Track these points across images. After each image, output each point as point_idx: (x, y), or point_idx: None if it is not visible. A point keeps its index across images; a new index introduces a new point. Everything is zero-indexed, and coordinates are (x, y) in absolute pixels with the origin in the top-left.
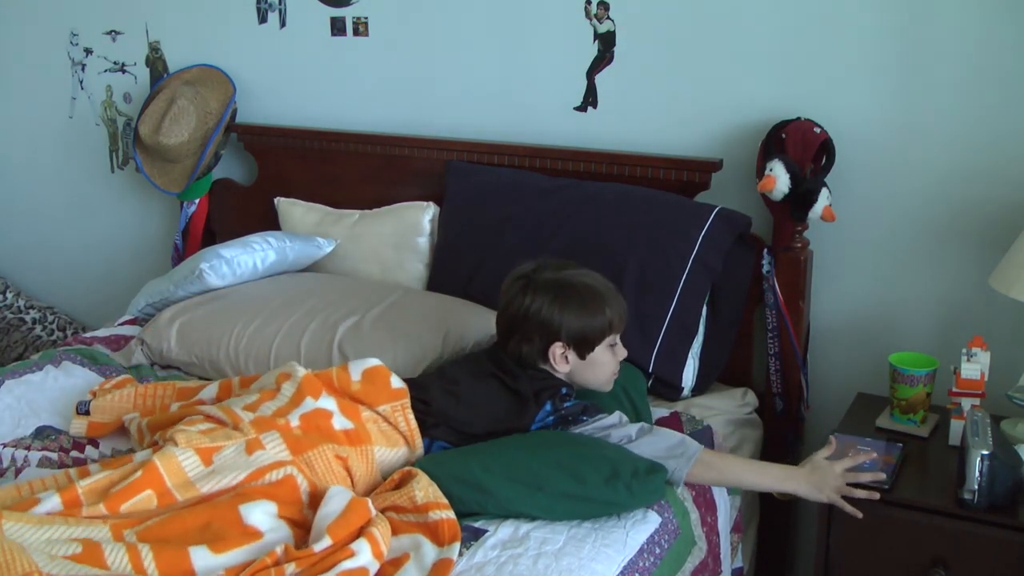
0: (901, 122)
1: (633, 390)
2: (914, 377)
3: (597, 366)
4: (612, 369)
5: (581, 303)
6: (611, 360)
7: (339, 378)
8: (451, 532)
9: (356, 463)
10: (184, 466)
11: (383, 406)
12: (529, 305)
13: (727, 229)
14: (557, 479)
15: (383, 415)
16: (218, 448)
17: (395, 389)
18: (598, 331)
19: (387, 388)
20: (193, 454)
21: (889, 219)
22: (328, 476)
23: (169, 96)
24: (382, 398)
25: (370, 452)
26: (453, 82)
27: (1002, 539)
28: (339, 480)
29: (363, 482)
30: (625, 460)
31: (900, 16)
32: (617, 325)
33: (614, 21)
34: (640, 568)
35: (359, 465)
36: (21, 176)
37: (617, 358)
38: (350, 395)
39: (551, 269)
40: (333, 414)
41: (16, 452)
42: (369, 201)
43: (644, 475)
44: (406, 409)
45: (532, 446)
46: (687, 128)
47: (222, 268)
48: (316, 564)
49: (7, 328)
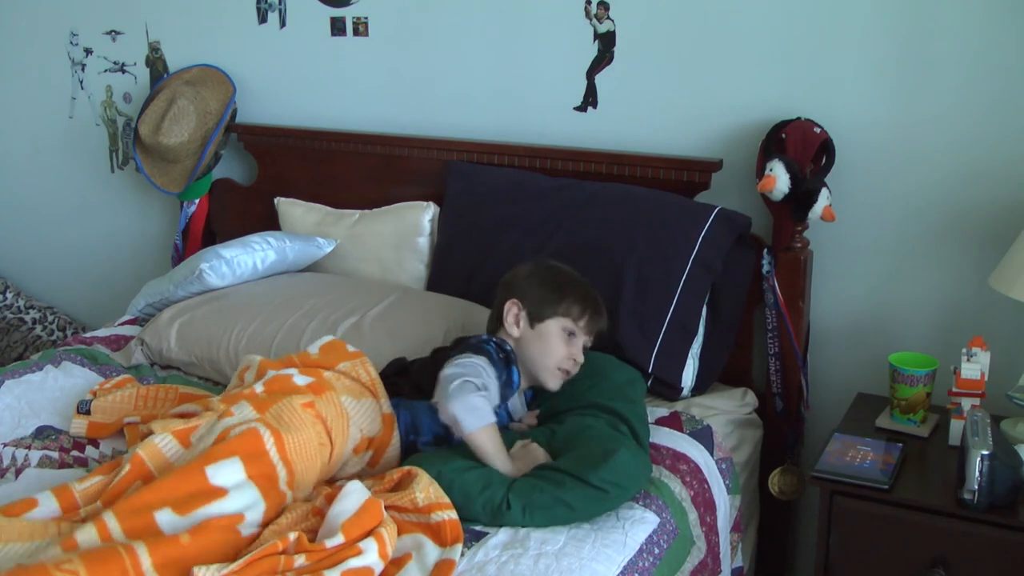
0: (901, 122)
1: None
2: (914, 377)
3: (545, 343)
4: (560, 356)
5: (550, 277)
6: (561, 347)
7: (299, 356)
8: (454, 533)
9: (325, 408)
10: (163, 449)
11: (342, 364)
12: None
13: (727, 229)
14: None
15: (343, 371)
16: (193, 428)
17: (352, 351)
18: (553, 304)
19: (344, 352)
20: (171, 437)
21: (889, 219)
22: (298, 424)
23: (169, 96)
24: (340, 359)
25: (336, 399)
26: (453, 82)
27: (1002, 539)
28: (309, 426)
29: (338, 429)
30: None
31: (900, 16)
32: (576, 315)
33: (614, 21)
34: (640, 568)
35: (328, 409)
36: (21, 176)
37: (570, 351)
38: (310, 364)
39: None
40: (294, 375)
41: (16, 451)
42: (369, 201)
43: (603, 461)
44: (365, 363)
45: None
46: (687, 128)
47: (222, 268)
48: (324, 559)
49: (7, 328)
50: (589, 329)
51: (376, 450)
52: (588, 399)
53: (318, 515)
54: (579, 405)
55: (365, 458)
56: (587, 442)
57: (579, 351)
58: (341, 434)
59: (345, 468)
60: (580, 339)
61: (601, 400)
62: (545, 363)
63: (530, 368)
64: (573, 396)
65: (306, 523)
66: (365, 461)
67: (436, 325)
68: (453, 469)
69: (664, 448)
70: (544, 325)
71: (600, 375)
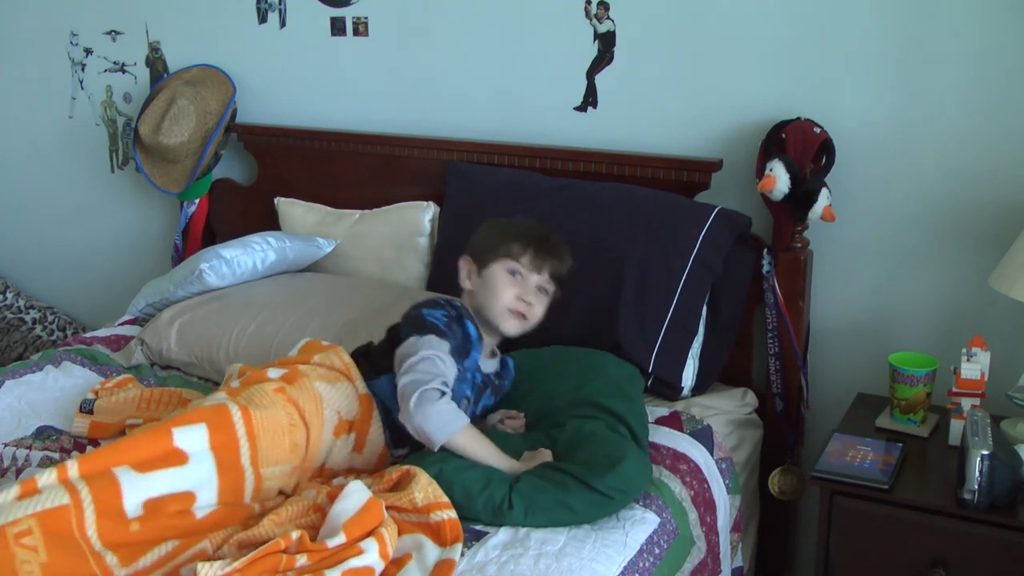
0: (901, 122)
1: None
2: (914, 377)
3: (491, 288)
4: (508, 297)
5: (496, 226)
6: (507, 288)
7: (279, 360)
8: (453, 533)
9: (297, 393)
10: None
11: (317, 356)
12: None
13: (727, 229)
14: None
15: (318, 363)
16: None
17: (327, 345)
18: (495, 248)
19: (319, 347)
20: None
21: (889, 219)
22: (268, 404)
23: (169, 96)
24: (315, 353)
25: (309, 384)
26: (453, 82)
27: (1002, 539)
28: (279, 407)
29: (312, 411)
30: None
31: (900, 16)
32: (518, 254)
33: (614, 21)
34: (640, 568)
35: (301, 394)
36: (21, 176)
37: (518, 292)
38: (288, 363)
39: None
40: (269, 371)
41: (17, 452)
42: (369, 201)
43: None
44: (339, 351)
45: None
46: (687, 128)
47: (222, 268)
48: (325, 559)
49: (7, 328)
50: (535, 266)
51: (358, 432)
52: (585, 397)
53: (319, 512)
54: (577, 403)
55: (349, 441)
56: (591, 446)
57: (529, 291)
58: (316, 415)
59: (333, 455)
60: (529, 279)
61: (599, 399)
62: (494, 307)
63: (486, 317)
64: (571, 393)
65: (307, 519)
66: (350, 445)
67: None
68: (454, 468)
69: (664, 448)
70: (489, 270)
71: (598, 372)
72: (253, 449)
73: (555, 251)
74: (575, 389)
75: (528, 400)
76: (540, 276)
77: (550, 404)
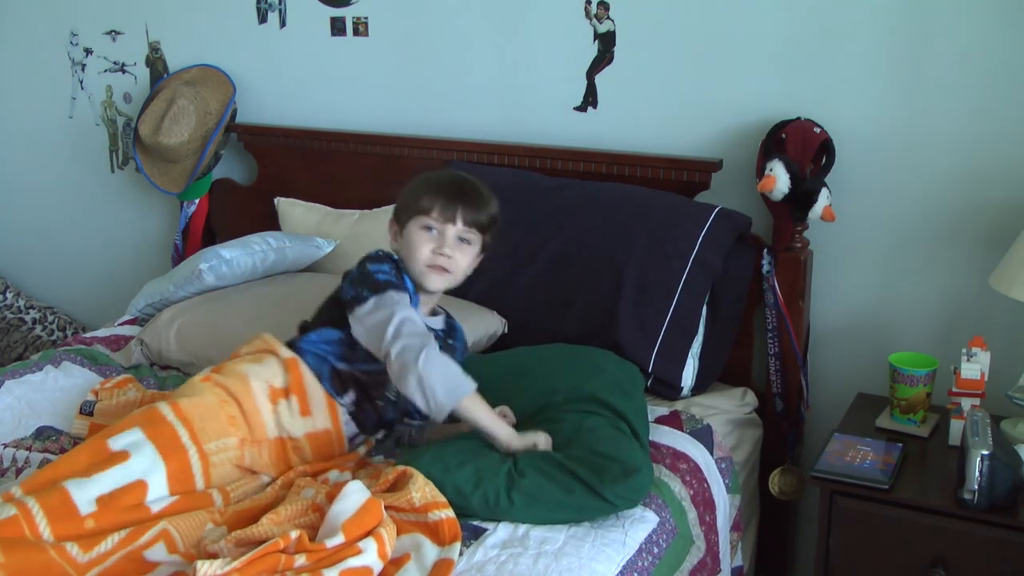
0: (901, 122)
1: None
2: (914, 377)
3: (410, 245)
4: (424, 253)
5: (412, 182)
6: (423, 243)
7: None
8: (452, 532)
9: (223, 377)
10: None
11: (243, 348)
12: None
13: (727, 229)
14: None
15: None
16: None
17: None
18: (407, 207)
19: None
20: None
21: (889, 219)
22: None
23: (169, 96)
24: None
25: (234, 368)
26: (453, 82)
27: (1002, 539)
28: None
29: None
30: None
31: (900, 16)
32: (427, 208)
33: (614, 21)
34: (639, 568)
35: (226, 378)
36: (21, 176)
37: (434, 246)
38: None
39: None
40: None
41: (17, 453)
42: (369, 201)
43: (623, 479)
44: (263, 335)
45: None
46: (687, 128)
47: (221, 268)
48: (324, 558)
49: (7, 328)
50: (446, 216)
51: (297, 394)
52: (587, 392)
53: (318, 511)
54: (577, 398)
55: (293, 406)
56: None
57: (446, 243)
58: (243, 388)
59: (284, 424)
60: (446, 231)
61: (601, 395)
62: (414, 265)
63: (413, 277)
64: (571, 389)
65: (305, 518)
66: (295, 408)
67: None
68: (441, 470)
69: (664, 447)
70: (407, 229)
71: (599, 369)
72: (190, 430)
73: (466, 199)
74: (576, 385)
75: (528, 393)
76: (456, 226)
77: (550, 398)
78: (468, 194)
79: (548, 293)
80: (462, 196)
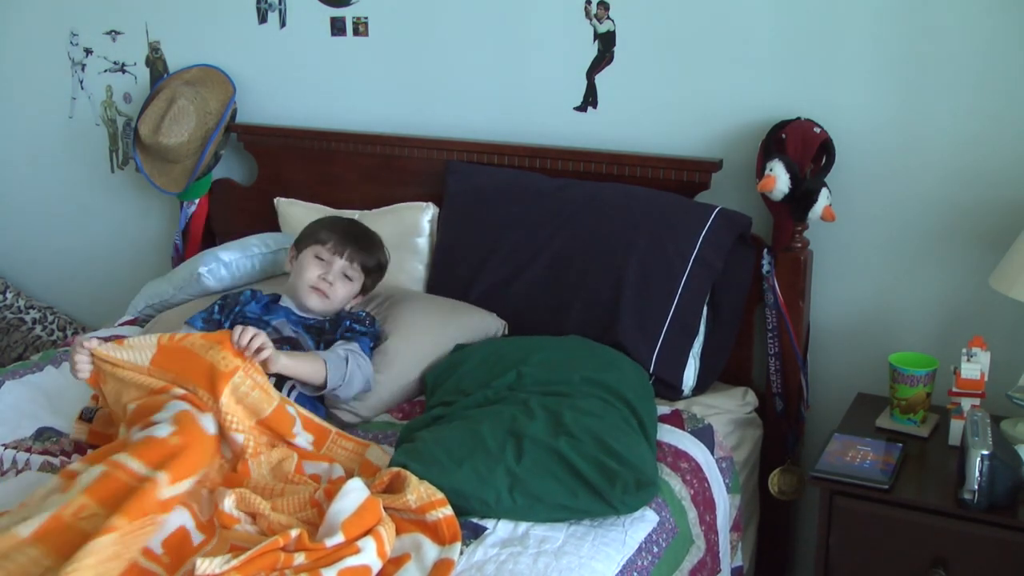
0: (901, 122)
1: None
2: (914, 377)
3: (301, 268)
4: (311, 275)
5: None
6: (311, 268)
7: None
8: (451, 531)
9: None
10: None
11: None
12: None
13: (727, 229)
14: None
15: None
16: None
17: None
18: (307, 237)
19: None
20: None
21: (889, 219)
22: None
23: (169, 96)
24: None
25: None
26: (453, 82)
27: (1002, 539)
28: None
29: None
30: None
31: (900, 16)
32: (323, 240)
33: (614, 21)
34: (639, 567)
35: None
36: (21, 176)
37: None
38: None
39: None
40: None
41: (17, 454)
42: (369, 201)
43: (634, 490)
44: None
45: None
46: (687, 128)
47: (220, 272)
48: (322, 557)
49: (7, 328)
50: (337, 251)
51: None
52: (604, 380)
53: (317, 507)
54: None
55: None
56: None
57: (332, 273)
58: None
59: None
60: (333, 263)
61: (617, 386)
62: (300, 285)
63: (296, 295)
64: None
65: (305, 513)
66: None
67: (434, 327)
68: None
69: (666, 445)
70: (302, 255)
71: (617, 365)
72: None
73: (358, 241)
74: (595, 371)
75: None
76: (343, 261)
77: (567, 374)
78: (360, 238)
79: (548, 294)
80: (355, 238)
